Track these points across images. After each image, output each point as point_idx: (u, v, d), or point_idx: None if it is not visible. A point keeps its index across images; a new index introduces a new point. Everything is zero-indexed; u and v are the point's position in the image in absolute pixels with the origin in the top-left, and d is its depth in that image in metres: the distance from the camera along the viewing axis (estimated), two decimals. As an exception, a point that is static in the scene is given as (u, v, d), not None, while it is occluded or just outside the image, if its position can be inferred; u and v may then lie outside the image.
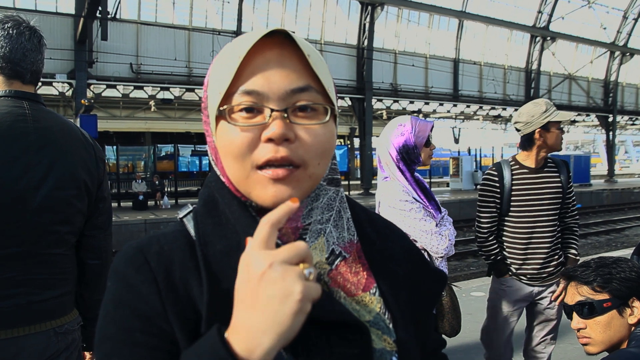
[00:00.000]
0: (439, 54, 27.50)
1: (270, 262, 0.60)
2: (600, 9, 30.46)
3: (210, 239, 0.78)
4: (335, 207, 0.86)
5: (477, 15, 27.00)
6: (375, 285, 0.84)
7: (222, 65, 0.78)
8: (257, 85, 0.74)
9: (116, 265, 0.78)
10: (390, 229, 0.98)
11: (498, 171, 3.13)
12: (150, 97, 22.68)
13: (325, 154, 0.78)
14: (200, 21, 21.77)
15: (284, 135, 0.73)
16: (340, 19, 24.77)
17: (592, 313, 1.75)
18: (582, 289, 1.79)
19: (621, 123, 39.57)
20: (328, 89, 0.79)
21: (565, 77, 31.49)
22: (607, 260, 1.84)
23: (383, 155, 2.71)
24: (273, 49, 0.75)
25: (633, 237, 15.78)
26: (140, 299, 0.73)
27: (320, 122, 0.77)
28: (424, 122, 2.71)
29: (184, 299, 0.74)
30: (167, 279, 0.74)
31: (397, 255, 0.92)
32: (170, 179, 22.70)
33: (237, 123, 0.75)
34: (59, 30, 17.93)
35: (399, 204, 2.55)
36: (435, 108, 30.04)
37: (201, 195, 0.85)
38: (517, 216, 3.10)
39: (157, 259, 0.76)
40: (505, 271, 3.15)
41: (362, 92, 23.49)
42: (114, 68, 18.97)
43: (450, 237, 2.59)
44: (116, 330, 0.73)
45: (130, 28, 19.86)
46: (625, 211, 22.93)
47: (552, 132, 3.03)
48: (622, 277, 1.75)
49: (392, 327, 0.83)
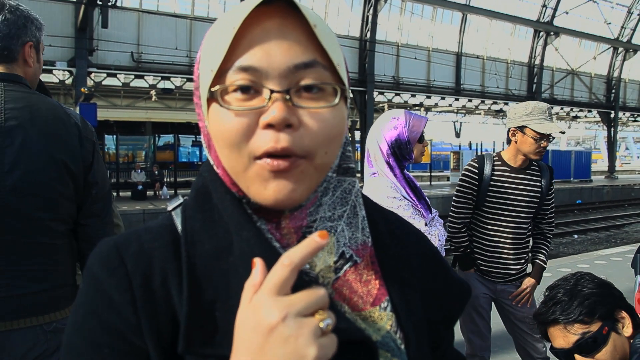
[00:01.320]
0: (441, 48, 27.38)
1: (285, 314, 0.52)
2: (604, 4, 30.30)
3: (198, 237, 0.68)
4: (350, 202, 0.74)
5: (481, 9, 26.84)
6: (387, 298, 0.72)
7: (214, 38, 0.66)
8: (255, 60, 0.63)
9: (90, 263, 0.69)
10: (407, 231, 0.86)
11: (479, 164, 3.11)
12: (151, 86, 22.61)
13: (334, 141, 0.67)
14: (202, 10, 21.65)
15: (286, 121, 0.62)
16: (343, 11, 24.65)
17: (597, 345, 1.63)
18: (573, 328, 1.67)
19: (623, 119, 39.48)
20: (338, 65, 0.67)
21: (568, 73, 31.38)
22: (567, 285, 1.74)
23: (372, 149, 2.59)
24: (273, 18, 0.64)
25: (633, 233, 15.76)
26: (111, 309, 0.64)
27: (328, 105, 0.65)
28: (418, 117, 2.61)
29: (163, 309, 0.65)
30: (144, 286, 0.65)
31: (414, 262, 0.81)
32: (170, 169, 22.67)
33: (231, 106, 0.64)
34: (60, 17, 17.82)
35: (387, 201, 2.42)
36: (437, 102, 29.99)
37: (193, 186, 0.75)
38: (489, 212, 3.09)
39: (135, 260, 0.67)
40: (471, 266, 3.15)
41: (363, 85, 23.39)
42: (115, 56, 18.87)
43: (440, 237, 2.50)
44: (82, 342, 0.65)
45: (131, 16, 19.74)
46: (625, 207, 22.90)
47: (526, 138, 2.98)
48: (596, 295, 1.67)
49: (404, 348, 0.71)
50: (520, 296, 3.12)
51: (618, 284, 1.85)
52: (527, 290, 3.11)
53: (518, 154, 3.07)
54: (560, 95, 31.82)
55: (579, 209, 21.54)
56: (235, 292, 0.61)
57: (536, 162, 3.16)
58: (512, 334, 3.23)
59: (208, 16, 21.35)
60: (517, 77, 29.58)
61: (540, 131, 2.93)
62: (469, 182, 3.11)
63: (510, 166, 3.09)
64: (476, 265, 3.15)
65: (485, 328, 3.18)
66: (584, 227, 16.24)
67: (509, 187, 3.06)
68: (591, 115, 37.80)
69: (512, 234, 3.08)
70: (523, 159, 3.08)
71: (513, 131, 3.04)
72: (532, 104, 3.05)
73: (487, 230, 3.11)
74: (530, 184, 3.09)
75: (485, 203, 3.09)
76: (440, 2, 25.57)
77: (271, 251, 0.66)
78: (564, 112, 36.71)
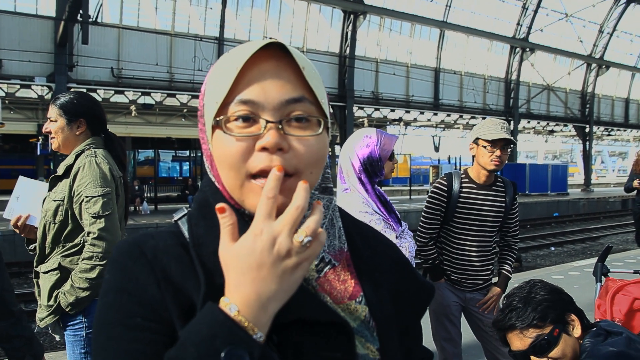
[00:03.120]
0: (420, 63, 27.74)
1: (279, 231, 0.67)
2: (577, 22, 31.04)
3: (203, 240, 0.80)
4: (328, 215, 0.88)
5: (458, 25, 27.36)
6: (361, 294, 0.86)
7: (219, 75, 0.79)
8: (253, 95, 0.76)
9: (113, 257, 0.80)
10: (378, 239, 1.00)
11: (448, 181, 3.25)
12: (131, 101, 22.52)
13: (317, 163, 0.80)
14: (182, 26, 21.69)
15: (278, 145, 0.75)
16: (322, 27, 24.88)
17: (550, 346, 1.80)
18: (528, 332, 1.83)
19: (597, 133, 40.28)
20: (321, 100, 0.81)
21: (543, 88, 31.98)
22: (522, 292, 1.90)
23: (345, 166, 2.70)
24: (269, 60, 0.78)
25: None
26: (139, 287, 0.75)
27: (314, 134, 0.79)
28: (389, 135, 2.73)
29: (181, 290, 0.76)
30: (163, 271, 0.77)
31: (385, 265, 0.94)
32: (150, 185, 22.53)
33: (233, 133, 0.76)
34: (39, 33, 17.78)
35: (359, 216, 2.50)
36: (416, 116, 30.29)
37: (196, 200, 0.88)
38: (457, 226, 3.23)
39: (153, 252, 0.78)
40: (441, 276, 3.28)
41: (343, 100, 23.60)
42: (95, 72, 18.85)
43: (410, 249, 2.62)
44: (118, 315, 0.74)
45: (111, 32, 19.72)
46: (600, 220, 23.29)
47: (480, 148, 3.15)
48: (549, 300, 1.83)
49: (377, 335, 0.85)
50: (487, 304, 3.25)
51: (589, 293, 2.00)
52: (493, 299, 3.26)
53: (480, 170, 3.22)
54: (536, 110, 32.39)
55: (556, 222, 21.88)
56: None
57: (501, 179, 3.32)
58: (481, 340, 3.35)
59: (188, 32, 21.37)
60: (494, 92, 30.07)
61: (489, 138, 3.09)
62: (438, 199, 3.24)
63: (476, 183, 3.24)
64: (446, 276, 3.28)
65: (457, 335, 3.30)
66: (561, 240, 16.49)
67: (476, 203, 3.20)
68: (567, 130, 38.49)
69: (479, 246, 3.23)
70: (487, 175, 3.22)
71: (471, 146, 3.22)
72: (488, 119, 3.24)
73: (456, 243, 3.24)
74: (496, 199, 3.24)
75: (453, 218, 3.22)
76: (418, 19, 25.99)
77: None
78: (540, 127, 37.36)
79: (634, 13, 33.64)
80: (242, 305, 0.67)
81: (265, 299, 0.67)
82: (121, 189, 2.75)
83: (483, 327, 3.28)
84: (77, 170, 2.58)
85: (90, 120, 2.77)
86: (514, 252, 3.42)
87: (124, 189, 2.82)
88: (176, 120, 27.70)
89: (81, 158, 2.63)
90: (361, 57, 24.97)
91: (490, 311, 3.26)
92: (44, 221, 2.62)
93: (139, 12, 20.84)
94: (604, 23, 32.79)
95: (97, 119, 2.81)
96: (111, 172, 2.63)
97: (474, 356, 4.16)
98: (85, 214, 2.50)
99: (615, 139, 48.72)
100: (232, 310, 0.66)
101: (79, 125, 2.74)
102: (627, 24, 33.92)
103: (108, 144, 2.83)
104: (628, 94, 38.91)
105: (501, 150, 3.11)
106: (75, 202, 2.54)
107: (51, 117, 2.73)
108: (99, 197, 2.50)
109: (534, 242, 15.89)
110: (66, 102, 2.72)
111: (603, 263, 3.12)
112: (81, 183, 2.53)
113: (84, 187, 2.52)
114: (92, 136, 2.78)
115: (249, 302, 0.66)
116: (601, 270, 3.08)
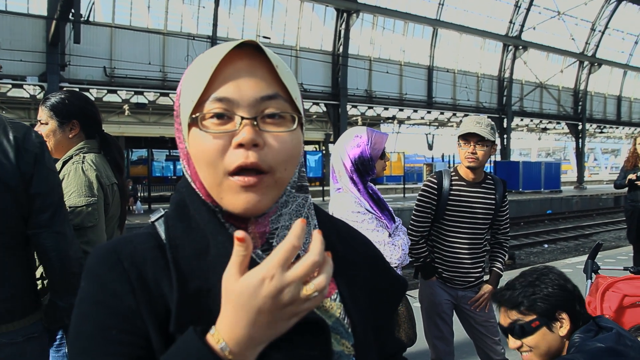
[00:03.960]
0: (413, 61, 27.78)
1: (290, 282, 0.65)
2: (569, 20, 31.15)
3: (180, 242, 0.81)
4: (303, 214, 0.89)
5: (451, 23, 27.38)
6: (336, 291, 0.88)
7: (194, 75, 0.81)
8: (229, 92, 0.78)
9: (89, 265, 0.80)
10: (352, 236, 1.01)
11: (438, 180, 3.26)
12: (124, 101, 22.48)
13: (291, 159, 0.82)
14: (175, 25, 21.64)
15: (253, 141, 0.76)
16: (316, 25, 24.88)
17: (524, 334, 1.86)
18: (511, 313, 1.90)
19: (590, 131, 40.46)
20: (295, 98, 0.82)
21: (536, 86, 32.08)
22: (530, 277, 1.93)
23: (337, 166, 2.71)
24: (243, 59, 0.79)
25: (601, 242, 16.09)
26: (114, 297, 0.75)
27: (287, 130, 0.80)
28: (380, 134, 2.73)
29: (157, 297, 0.76)
30: (140, 278, 0.77)
31: (359, 261, 0.96)
32: (143, 184, 22.47)
33: (209, 130, 0.78)
34: (31, 32, 17.68)
35: (352, 216, 2.55)
36: (409, 114, 30.34)
37: (172, 200, 0.88)
38: (447, 225, 3.24)
39: (130, 258, 0.78)
40: (432, 274, 3.29)
41: (337, 98, 23.61)
42: (87, 71, 18.78)
43: (403, 246, 2.63)
44: (92, 328, 0.75)
45: (104, 31, 19.64)
46: (593, 217, 23.36)
47: (461, 147, 3.16)
48: (545, 294, 1.86)
49: (351, 332, 0.86)
50: (478, 302, 3.26)
51: (582, 290, 2.02)
52: (485, 296, 3.27)
53: (464, 168, 3.24)
54: (529, 108, 32.51)
55: (549, 219, 21.93)
56: (215, 284, 0.73)
57: (490, 176, 3.33)
58: (473, 337, 3.37)
59: (181, 31, 21.31)
60: (487, 90, 30.16)
61: (460, 133, 3.12)
62: (429, 197, 3.26)
63: (466, 181, 3.25)
64: (438, 274, 3.29)
65: (449, 333, 3.31)
66: (554, 237, 16.54)
67: (466, 201, 3.21)
68: (560, 127, 38.63)
69: (470, 243, 3.24)
70: (471, 172, 3.23)
71: (457, 144, 3.22)
72: (466, 117, 3.26)
73: (447, 241, 3.25)
74: (486, 197, 3.25)
75: (444, 216, 3.23)
76: (412, 17, 26.01)
77: None
78: (533, 124, 37.50)
79: (626, 11, 33.83)
80: (233, 344, 0.67)
81: (257, 342, 0.68)
82: (112, 196, 2.56)
83: (475, 325, 3.30)
84: (63, 178, 2.39)
85: (84, 122, 2.58)
86: (504, 249, 3.43)
87: (121, 194, 2.65)
88: (169, 119, 27.63)
89: (67, 165, 2.46)
90: (354, 55, 24.97)
91: (482, 309, 3.28)
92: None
93: (131, 11, 20.78)
94: (595, 21, 32.94)
95: (91, 120, 2.62)
96: (99, 179, 2.45)
97: (466, 354, 4.18)
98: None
99: (608, 136, 49.00)
100: (223, 349, 0.67)
101: (72, 128, 2.55)
102: (618, 22, 34.10)
103: (104, 146, 2.64)
104: (620, 91, 39.12)
105: (475, 145, 3.10)
106: None
107: (41, 120, 2.54)
108: (83, 208, 2.34)
109: (527, 240, 15.92)
110: (57, 103, 2.53)
111: (593, 260, 3.14)
112: (65, 192, 2.32)
113: (68, 196, 2.32)
114: (86, 138, 2.59)
115: (240, 343, 0.67)
116: (591, 267, 3.11)
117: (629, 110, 40.22)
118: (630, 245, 7.59)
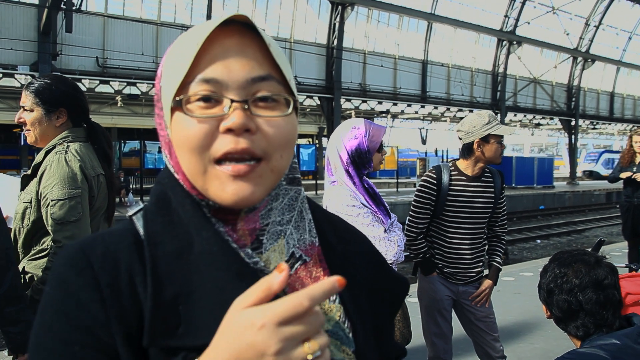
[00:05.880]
0: (407, 55, 27.76)
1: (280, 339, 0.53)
2: (564, 15, 31.19)
3: (160, 238, 0.72)
4: (296, 208, 0.81)
5: (446, 17, 27.33)
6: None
7: (177, 54, 0.73)
8: (216, 73, 0.70)
9: (55, 267, 0.71)
10: (351, 233, 0.93)
11: (437, 174, 3.20)
12: (116, 92, 22.32)
13: (288, 145, 0.74)
14: (169, 16, 21.48)
15: (245, 126, 0.68)
16: (310, 18, 24.77)
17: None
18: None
19: (583, 127, 40.65)
20: (289, 80, 0.75)
21: (530, 81, 32.16)
22: (569, 277, 1.81)
23: (333, 158, 2.64)
24: (232, 37, 0.71)
25: (593, 237, 16.17)
26: (80, 308, 0.67)
27: (282, 115, 0.73)
28: (377, 126, 2.66)
29: (130, 306, 0.68)
30: (111, 285, 0.68)
31: (358, 260, 0.88)
32: (136, 176, 22.35)
33: (194, 114, 0.70)
34: (22, 20, 17.49)
35: (346, 209, 2.48)
36: (403, 109, 30.35)
37: (153, 193, 0.79)
38: (448, 219, 3.19)
39: (101, 261, 0.69)
40: (432, 270, 3.24)
41: (330, 92, 23.54)
42: (79, 61, 18.58)
43: (399, 242, 2.55)
44: (52, 342, 0.66)
45: (96, 21, 19.47)
46: (585, 213, 23.46)
47: (491, 145, 3.10)
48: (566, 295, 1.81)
49: (352, 336, 0.78)
50: (479, 297, 3.21)
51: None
52: (485, 292, 3.22)
53: (478, 163, 3.18)
54: (523, 103, 32.58)
55: (542, 215, 22.01)
56: (197, 286, 0.67)
57: (488, 169, 3.28)
58: (471, 334, 3.32)
59: (175, 22, 21.18)
60: (481, 85, 30.18)
61: (503, 134, 3.08)
62: (428, 192, 3.19)
63: (466, 175, 3.19)
64: (439, 269, 3.24)
65: (448, 330, 3.27)
66: (547, 232, 16.57)
67: (467, 196, 3.17)
68: (553, 123, 38.77)
69: (471, 238, 3.19)
70: (481, 167, 3.19)
71: (478, 143, 3.11)
72: (483, 113, 3.18)
73: (448, 236, 3.20)
74: (485, 190, 3.21)
75: (444, 211, 3.18)
76: (406, 11, 25.93)
77: (229, 250, 0.72)
78: (527, 120, 37.59)
79: (620, 7, 33.90)
80: None
81: None
82: (98, 188, 2.41)
83: (475, 321, 3.25)
84: (45, 169, 2.27)
85: (71, 109, 2.43)
86: (502, 242, 3.39)
87: (108, 186, 2.52)
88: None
89: (50, 155, 2.31)
90: (349, 48, 24.90)
91: (483, 304, 3.23)
92: (14, 224, 2.33)
93: (124, 0, 20.59)
94: (590, 16, 33.00)
95: (79, 108, 2.46)
96: (83, 170, 2.30)
97: (462, 350, 4.14)
98: (49, 219, 2.20)
99: (600, 132, 49.21)
100: None
101: (59, 116, 2.39)
102: (612, 18, 34.19)
103: (91, 135, 2.49)
104: (613, 87, 39.27)
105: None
106: (43, 205, 2.23)
107: (25, 106, 2.37)
108: (66, 201, 2.20)
109: (521, 235, 15.95)
110: (43, 89, 2.36)
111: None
112: (47, 184, 2.22)
113: (50, 189, 2.21)
114: (72, 127, 2.43)
115: None
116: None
117: (621, 106, 40.38)
118: (624, 241, 7.59)
